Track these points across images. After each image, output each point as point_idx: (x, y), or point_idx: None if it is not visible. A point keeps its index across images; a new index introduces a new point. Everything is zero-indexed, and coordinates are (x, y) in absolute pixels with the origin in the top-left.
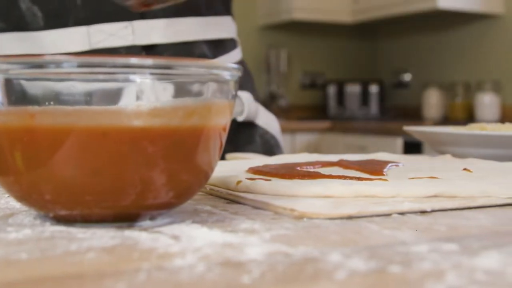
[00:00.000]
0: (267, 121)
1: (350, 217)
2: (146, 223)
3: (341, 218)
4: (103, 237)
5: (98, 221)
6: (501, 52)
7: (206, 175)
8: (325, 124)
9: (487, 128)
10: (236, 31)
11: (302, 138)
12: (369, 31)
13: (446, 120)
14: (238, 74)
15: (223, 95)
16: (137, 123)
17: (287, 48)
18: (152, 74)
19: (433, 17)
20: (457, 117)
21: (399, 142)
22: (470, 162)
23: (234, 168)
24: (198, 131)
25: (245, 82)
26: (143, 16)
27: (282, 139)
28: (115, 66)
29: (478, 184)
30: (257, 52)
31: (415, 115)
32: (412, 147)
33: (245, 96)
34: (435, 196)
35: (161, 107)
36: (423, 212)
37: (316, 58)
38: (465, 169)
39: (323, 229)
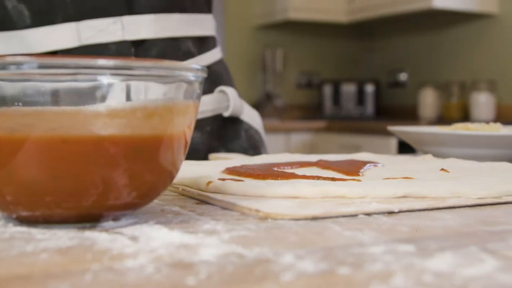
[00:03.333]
0: (251, 116)
1: (315, 218)
2: (109, 223)
3: (306, 219)
4: (61, 238)
5: (60, 222)
6: (496, 52)
7: (171, 175)
8: (320, 123)
9: (471, 128)
10: (215, 29)
11: (297, 138)
12: (365, 31)
13: (441, 120)
14: (202, 75)
15: (187, 95)
16: (96, 125)
17: (282, 47)
18: (113, 75)
19: (428, 17)
20: (452, 117)
21: (393, 142)
22: (449, 163)
23: (211, 168)
24: (159, 132)
25: (227, 79)
26: (131, 11)
27: (278, 139)
28: (77, 67)
29: (449, 184)
30: (253, 51)
31: (411, 115)
32: (407, 147)
33: (231, 92)
34: (405, 196)
35: (120, 108)
36: (390, 212)
37: (311, 58)
38: (442, 169)
39: (285, 230)
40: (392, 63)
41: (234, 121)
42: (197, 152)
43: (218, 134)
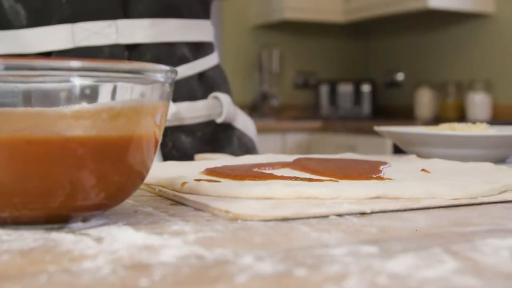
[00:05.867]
0: (245, 124)
1: (285, 219)
2: (77, 224)
3: (276, 220)
4: (26, 239)
5: (28, 223)
6: (492, 52)
7: (141, 175)
8: (316, 124)
9: (457, 128)
10: (213, 35)
11: (294, 138)
12: (361, 31)
13: (438, 119)
14: (172, 76)
15: (156, 96)
16: (60, 126)
17: (279, 47)
18: (81, 76)
19: (425, 17)
20: (449, 117)
21: (389, 142)
22: (432, 163)
23: (192, 169)
24: (127, 133)
25: (221, 85)
26: (126, 15)
27: (274, 139)
28: (44, 68)
29: (425, 185)
30: (249, 52)
31: (408, 115)
32: None
33: (224, 98)
34: (379, 197)
35: (85, 110)
36: (363, 213)
37: (308, 58)
38: (423, 170)
39: (252, 231)
40: (388, 63)
41: (227, 128)
42: (188, 157)
43: (210, 139)
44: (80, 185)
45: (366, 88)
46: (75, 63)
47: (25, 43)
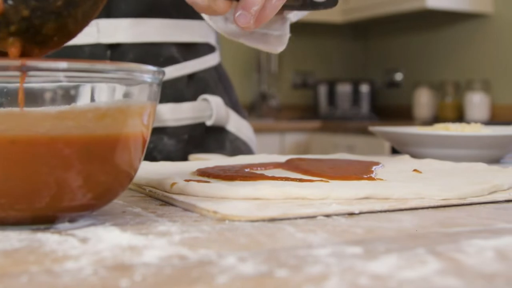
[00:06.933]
0: (239, 127)
1: (273, 220)
2: (64, 225)
3: (263, 220)
4: (11, 239)
5: (15, 223)
6: (491, 52)
7: (128, 175)
8: (315, 124)
9: (451, 128)
10: (216, 37)
11: (292, 138)
12: (360, 31)
13: (436, 119)
14: (160, 76)
15: (144, 96)
16: (44, 126)
17: None
18: (66, 77)
19: (423, 17)
20: (447, 117)
21: (387, 142)
22: (425, 163)
23: (184, 169)
24: (113, 133)
25: (216, 87)
26: (109, 15)
27: (272, 139)
28: (29, 69)
29: (414, 186)
30: (248, 52)
31: (406, 115)
32: None
33: (215, 101)
34: (368, 198)
35: (69, 110)
36: (351, 214)
37: (306, 58)
38: (415, 170)
39: (238, 232)
40: (387, 63)
41: (218, 131)
42: (171, 160)
43: (199, 142)
44: (66, 185)
45: (364, 88)
46: (62, 64)
47: None
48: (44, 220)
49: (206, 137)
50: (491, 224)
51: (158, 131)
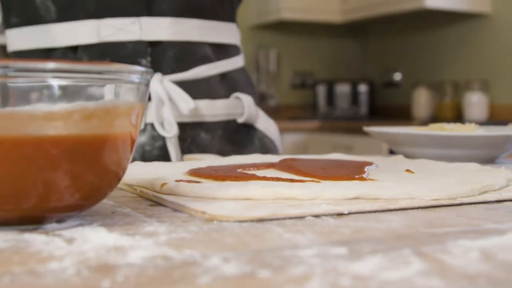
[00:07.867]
0: (267, 126)
1: (261, 220)
2: (52, 225)
3: (252, 221)
4: None
5: (2, 224)
6: (489, 52)
7: (117, 175)
8: (313, 124)
9: (446, 128)
10: (240, 39)
11: (291, 138)
12: (359, 31)
13: (435, 119)
14: (148, 77)
15: (131, 96)
16: (31, 127)
17: (276, 48)
18: (55, 77)
19: (422, 17)
20: (446, 117)
21: None
22: (418, 163)
23: (177, 169)
24: (101, 133)
25: (245, 87)
26: (150, 13)
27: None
28: (18, 70)
29: (404, 186)
30: (247, 52)
31: (405, 115)
32: None
33: (246, 99)
34: (357, 198)
35: (56, 111)
36: (340, 214)
37: (305, 58)
38: (407, 170)
39: (225, 232)
40: (386, 63)
41: (248, 128)
42: (207, 153)
43: (231, 139)
44: (53, 186)
45: (363, 88)
46: (50, 65)
47: (54, 37)
48: (31, 220)
49: (238, 133)
50: (480, 225)
51: (196, 126)
